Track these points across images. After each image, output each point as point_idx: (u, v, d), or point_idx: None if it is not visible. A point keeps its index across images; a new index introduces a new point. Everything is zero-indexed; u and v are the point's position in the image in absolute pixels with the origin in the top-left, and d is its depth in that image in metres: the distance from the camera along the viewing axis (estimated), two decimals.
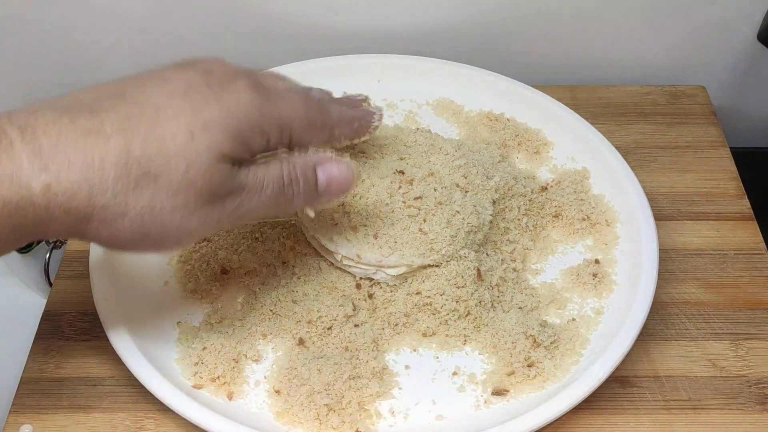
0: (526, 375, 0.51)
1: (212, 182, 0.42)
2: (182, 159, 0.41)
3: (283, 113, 0.45)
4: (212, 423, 0.47)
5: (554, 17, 0.73)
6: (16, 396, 0.52)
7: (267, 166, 0.45)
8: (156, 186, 0.41)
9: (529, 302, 0.55)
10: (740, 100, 0.79)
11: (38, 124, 0.39)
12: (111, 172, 0.40)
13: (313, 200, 0.47)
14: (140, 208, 0.41)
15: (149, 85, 0.43)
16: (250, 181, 0.44)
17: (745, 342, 0.55)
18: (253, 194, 0.44)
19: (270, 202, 0.45)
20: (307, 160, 0.46)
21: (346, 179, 0.47)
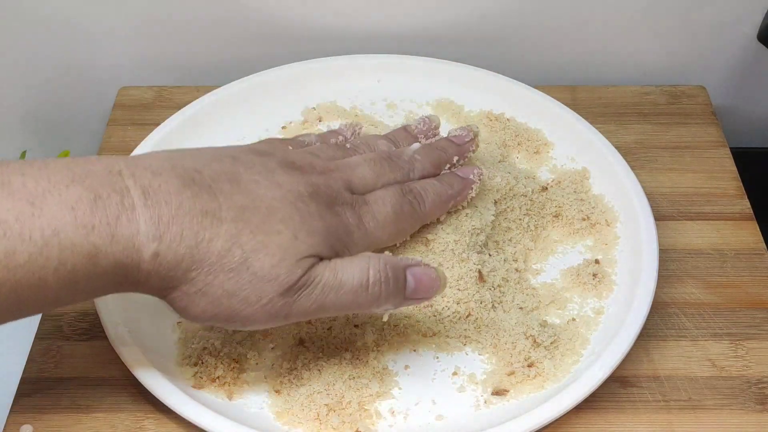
0: (526, 375, 0.51)
1: (292, 276, 0.43)
2: (277, 252, 0.43)
3: (373, 231, 0.49)
4: (212, 423, 0.47)
5: (554, 17, 0.73)
6: (16, 396, 0.52)
7: (351, 261, 0.46)
8: (245, 273, 0.42)
9: (530, 302, 0.55)
10: (740, 100, 0.79)
11: (161, 192, 0.42)
12: (214, 255, 0.42)
13: (398, 302, 0.47)
14: (222, 292, 0.43)
15: (263, 182, 0.45)
16: (327, 276, 0.44)
17: (745, 342, 0.55)
18: (329, 291, 0.44)
19: (349, 300, 0.45)
20: (399, 261, 0.47)
21: (434, 286, 0.47)
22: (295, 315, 0.44)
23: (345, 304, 0.45)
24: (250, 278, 0.42)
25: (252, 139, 0.66)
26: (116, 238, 0.40)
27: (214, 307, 0.43)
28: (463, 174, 0.55)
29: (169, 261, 0.41)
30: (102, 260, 0.40)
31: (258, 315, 0.43)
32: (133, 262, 0.41)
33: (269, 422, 0.50)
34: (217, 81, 0.70)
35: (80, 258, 0.39)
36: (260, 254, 0.42)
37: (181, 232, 0.41)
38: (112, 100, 0.72)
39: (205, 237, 0.42)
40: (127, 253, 0.40)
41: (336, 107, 0.69)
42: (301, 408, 0.49)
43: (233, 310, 0.43)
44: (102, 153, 0.67)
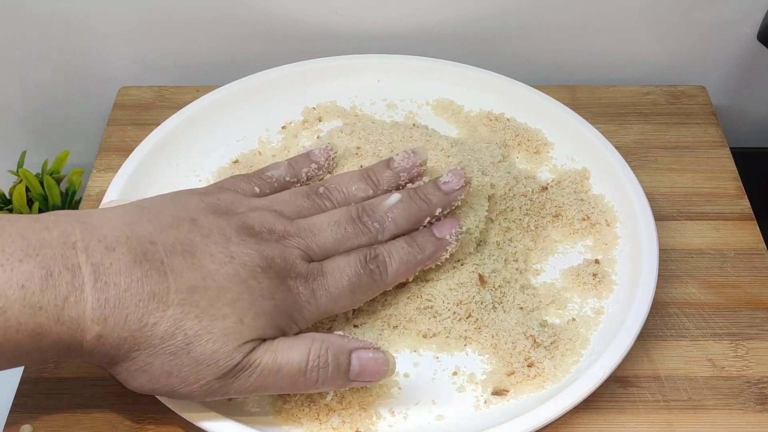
0: (526, 375, 0.51)
1: (230, 361, 0.43)
2: (220, 338, 0.43)
3: (327, 310, 0.49)
4: (212, 423, 0.47)
5: (554, 17, 0.73)
6: (16, 396, 0.52)
7: (292, 344, 0.45)
8: (185, 357, 0.43)
9: (530, 302, 0.55)
10: (740, 100, 0.79)
11: (111, 273, 0.42)
12: (156, 338, 0.42)
13: (341, 385, 0.47)
14: (162, 371, 0.43)
15: (217, 255, 0.45)
16: (266, 360, 0.44)
17: (745, 342, 0.55)
18: (267, 374, 0.44)
19: (287, 383, 0.45)
20: (345, 343, 0.46)
21: (380, 371, 0.47)
22: (233, 393, 0.45)
23: (283, 386, 0.45)
24: (190, 362, 0.43)
25: (252, 139, 0.66)
26: (62, 320, 0.40)
27: (153, 383, 0.44)
28: (440, 234, 0.51)
29: (111, 342, 0.42)
30: (46, 338, 0.41)
31: (196, 393, 0.44)
32: (75, 342, 0.41)
33: (269, 422, 0.50)
34: (217, 81, 0.70)
35: (24, 336, 0.40)
36: (202, 339, 0.43)
37: (126, 317, 0.42)
38: (112, 100, 0.72)
39: (149, 321, 0.42)
40: (71, 334, 0.41)
41: (336, 107, 0.69)
42: (301, 408, 0.49)
43: (172, 387, 0.44)
44: (102, 153, 0.67)
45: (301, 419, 0.49)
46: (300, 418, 0.49)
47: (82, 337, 0.41)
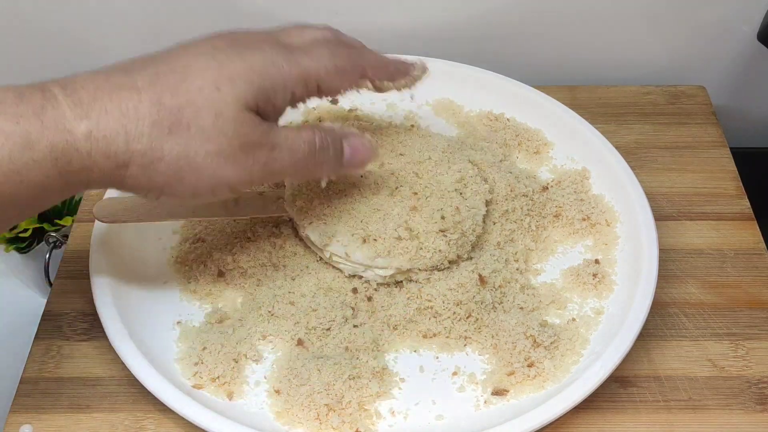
0: (526, 375, 0.51)
1: (241, 131, 0.45)
2: (210, 108, 0.44)
3: (307, 66, 0.48)
4: (212, 423, 0.47)
5: (554, 17, 0.73)
6: (16, 396, 0.52)
7: (299, 130, 0.48)
8: (189, 134, 0.43)
9: (530, 302, 0.55)
10: (740, 100, 0.79)
11: (77, 81, 0.43)
12: (145, 120, 0.43)
13: (335, 170, 0.50)
14: (176, 154, 0.43)
15: (177, 49, 0.46)
16: (282, 139, 0.47)
17: (745, 342, 0.55)
18: (285, 152, 0.47)
19: (300, 163, 0.48)
20: (336, 130, 0.50)
21: (367, 152, 0.51)
22: (258, 174, 0.46)
23: (297, 167, 0.48)
24: (196, 136, 0.44)
25: None
26: (45, 123, 0.41)
27: (176, 171, 0.44)
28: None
29: (104, 136, 0.42)
30: (37, 145, 0.41)
31: (220, 172, 0.45)
32: (68, 144, 0.41)
33: (269, 422, 0.50)
34: None
35: (15, 145, 0.40)
36: (191, 110, 0.43)
37: (104, 108, 0.42)
38: None
39: (129, 107, 0.43)
40: (60, 136, 0.41)
41: (336, 108, 0.69)
42: (301, 408, 0.49)
43: (195, 170, 0.44)
44: None
45: (301, 419, 0.49)
46: (300, 418, 0.49)
47: (73, 138, 0.41)
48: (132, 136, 0.43)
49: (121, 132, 0.42)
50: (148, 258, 0.58)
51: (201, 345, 0.52)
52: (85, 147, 0.42)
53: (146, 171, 0.44)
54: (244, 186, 0.47)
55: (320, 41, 0.50)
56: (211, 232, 0.59)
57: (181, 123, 0.43)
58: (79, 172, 0.42)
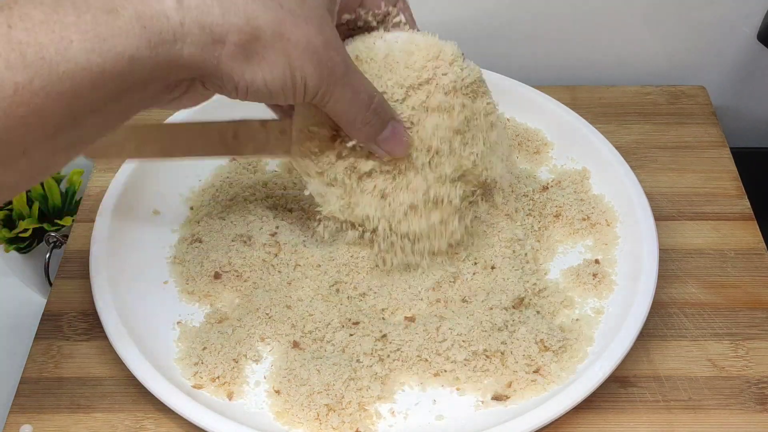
0: (531, 380, 0.51)
1: (326, 24, 0.44)
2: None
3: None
4: (212, 423, 0.47)
5: (555, 17, 0.73)
6: (16, 396, 0.52)
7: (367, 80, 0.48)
8: (282, 11, 0.41)
9: (547, 306, 0.55)
10: (740, 100, 0.79)
11: None
12: (241, 4, 0.40)
13: (369, 138, 0.49)
14: (271, 34, 0.41)
15: None
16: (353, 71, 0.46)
17: (745, 342, 0.55)
18: (350, 88, 0.46)
19: (352, 109, 0.47)
20: (390, 109, 0.49)
21: (401, 144, 0.50)
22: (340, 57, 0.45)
23: (344, 111, 0.47)
24: (287, 14, 0.42)
25: None
26: (140, 15, 0.38)
27: (271, 52, 0.42)
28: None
29: (197, 4, 0.39)
30: (122, 12, 0.37)
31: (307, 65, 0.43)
32: (157, 12, 0.38)
33: (269, 422, 0.50)
34: None
35: (98, 11, 0.37)
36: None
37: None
38: None
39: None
40: (146, 3, 0.38)
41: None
42: (300, 408, 0.49)
43: (286, 53, 0.42)
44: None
45: (300, 419, 0.49)
46: (300, 418, 0.49)
47: (162, 7, 0.38)
48: (227, 8, 0.40)
49: (216, 4, 0.39)
50: (148, 258, 0.58)
51: (201, 345, 0.52)
52: (177, 16, 0.39)
53: (243, 50, 0.41)
54: (315, 85, 0.44)
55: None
56: (208, 233, 0.59)
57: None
58: (171, 43, 0.39)
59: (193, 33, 0.39)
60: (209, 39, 0.40)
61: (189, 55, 0.40)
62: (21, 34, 0.36)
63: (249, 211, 0.60)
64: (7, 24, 0.36)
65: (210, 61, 0.41)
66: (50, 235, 0.66)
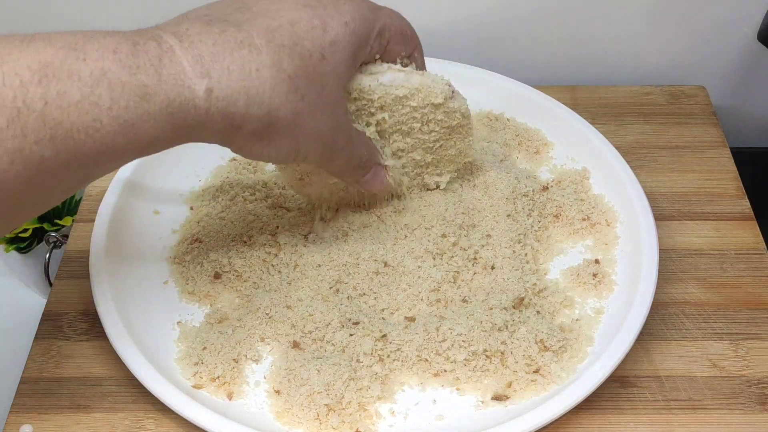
0: (531, 380, 0.51)
1: (349, 74, 0.47)
2: (327, 61, 0.45)
3: (385, 20, 0.49)
4: (212, 423, 0.47)
5: (554, 17, 0.73)
6: (16, 396, 0.52)
7: (364, 136, 0.52)
8: (302, 103, 0.44)
9: (547, 306, 0.55)
10: (740, 100, 0.79)
11: (191, 34, 0.41)
12: (266, 85, 0.42)
13: (352, 181, 0.53)
14: (287, 124, 0.44)
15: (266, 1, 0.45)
16: (355, 137, 0.50)
17: (745, 342, 0.55)
18: (347, 153, 0.49)
19: (349, 165, 0.50)
20: (376, 155, 0.53)
21: (382, 186, 0.54)
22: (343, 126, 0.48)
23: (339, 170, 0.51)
24: (307, 105, 0.44)
25: None
26: (163, 77, 0.39)
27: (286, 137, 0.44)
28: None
29: (226, 96, 0.41)
30: (153, 98, 0.39)
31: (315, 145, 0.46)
32: (187, 101, 0.40)
33: (269, 422, 0.50)
34: None
35: (132, 96, 0.38)
36: (304, 79, 0.44)
37: (227, 67, 0.41)
38: None
39: (252, 69, 0.42)
40: (179, 91, 0.40)
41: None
42: (300, 408, 0.49)
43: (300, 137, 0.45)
44: None
45: (300, 419, 0.49)
46: (300, 418, 0.49)
47: (192, 95, 0.40)
48: (252, 101, 0.42)
49: (243, 94, 0.41)
50: (148, 258, 0.58)
51: (201, 345, 0.52)
52: (204, 105, 0.41)
53: (257, 134, 0.43)
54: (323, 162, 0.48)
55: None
56: (208, 233, 0.59)
57: (297, 91, 0.43)
58: (193, 128, 0.41)
59: (215, 121, 0.42)
60: (229, 126, 0.42)
61: (207, 135, 0.43)
62: (56, 112, 0.37)
63: (249, 211, 0.60)
64: (44, 100, 0.37)
65: (225, 139, 0.44)
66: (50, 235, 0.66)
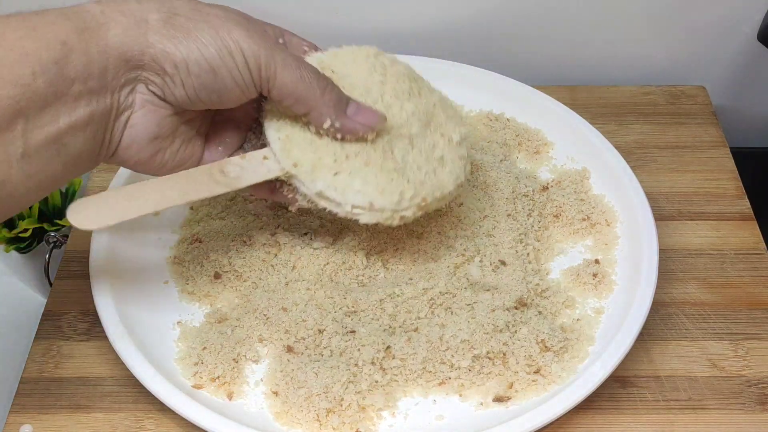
0: (532, 380, 0.51)
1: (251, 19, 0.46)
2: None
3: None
4: (212, 423, 0.47)
5: (554, 17, 0.73)
6: (16, 396, 0.52)
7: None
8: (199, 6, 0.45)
9: (549, 307, 0.55)
10: (740, 100, 0.79)
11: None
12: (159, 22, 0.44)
13: (340, 115, 0.48)
14: (188, 10, 0.45)
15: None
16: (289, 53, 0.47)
17: (745, 342, 0.55)
18: (291, 63, 0.46)
19: (304, 83, 0.46)
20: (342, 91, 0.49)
21: (373, 115, 0.49)
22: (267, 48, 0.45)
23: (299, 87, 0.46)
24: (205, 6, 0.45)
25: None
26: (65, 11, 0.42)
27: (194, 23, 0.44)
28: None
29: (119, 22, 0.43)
30: (49, 11, 0.42)
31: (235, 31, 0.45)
32: (78, 8, 0.43)
33: (269, 422, 0.50)
34: None
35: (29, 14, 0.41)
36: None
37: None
38: None
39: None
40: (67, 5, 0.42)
41: None
42: (299, 409, 0.49)
43: (210, 24, 0.44)
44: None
45: (300, 420, 0.49)
46: (299, 419, 0.49)
47: (82, 7, 0.42)
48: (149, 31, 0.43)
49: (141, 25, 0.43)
50: (148, 258, 0.58)
51: (201, 345, 0.52)
52: (97, 7, 0.42)
53: (169, 25, 0.43)
54: (253, 52, 0.45)
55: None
56: (208, 233, 0.59)
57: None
58: (96, 29, 0.42)
59: (114, 18, 0.43)
60: (132, 21, 0.43)
61: (116, 38, 0.43)
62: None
63: (249, 211, 0.60)
64: None
65: (139, 41, 0.43)
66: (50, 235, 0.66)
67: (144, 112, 0.46)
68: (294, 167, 0.49)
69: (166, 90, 0.45)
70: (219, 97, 0.46)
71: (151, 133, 0.47)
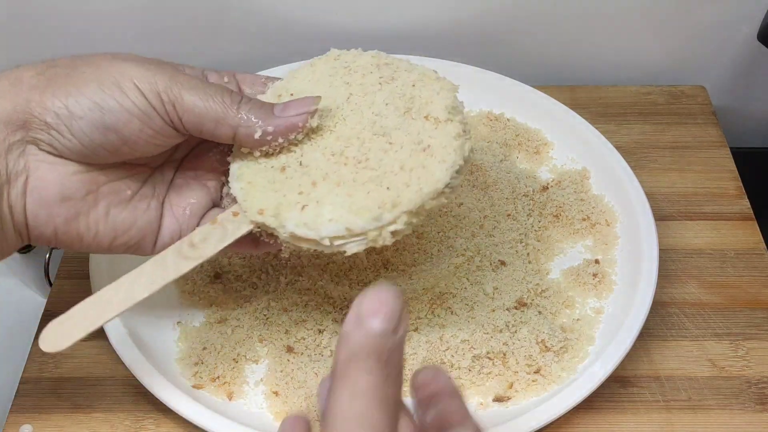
0: (532, 380, 0.51)
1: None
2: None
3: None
4: (212, 423, 0.47)
5: (554, 17, 0.73)
6: (16, 396, 0.52)
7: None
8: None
9: (549, 307, 0.55)
10: (740, 100, 0.79)
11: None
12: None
13: (269, 119, 0.44)
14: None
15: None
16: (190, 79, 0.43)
17: (745, 342, 0.55)
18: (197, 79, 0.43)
19: (217, 94, 0.43)
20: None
21: (304, 102, 0.44)
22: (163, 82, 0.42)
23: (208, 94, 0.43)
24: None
25: None
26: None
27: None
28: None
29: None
30: None
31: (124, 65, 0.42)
32: None
33: (269, 422, 0.50)
34: None
35: None
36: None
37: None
38: None
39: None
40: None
41: None
42: (300, 409, 0.49)
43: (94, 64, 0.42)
44: None
45: None
46: None
47: None
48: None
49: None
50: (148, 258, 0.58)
51: (201, 345, 0.52)
52: None
53: (42, 77, 0.42)
54: (147, 78, 0.42)
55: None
56: None
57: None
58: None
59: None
60: (6, 84, 0.41)
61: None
62: None
63: None
64: None
65: (15, 101, 0.41)
66: None
67: (40, 173, 0.42)
68: (260, 215, 0.44)
69: (56, 144, 0.41)
70: (118, 135, 0.42)
71: (56, 193, 0.42)
